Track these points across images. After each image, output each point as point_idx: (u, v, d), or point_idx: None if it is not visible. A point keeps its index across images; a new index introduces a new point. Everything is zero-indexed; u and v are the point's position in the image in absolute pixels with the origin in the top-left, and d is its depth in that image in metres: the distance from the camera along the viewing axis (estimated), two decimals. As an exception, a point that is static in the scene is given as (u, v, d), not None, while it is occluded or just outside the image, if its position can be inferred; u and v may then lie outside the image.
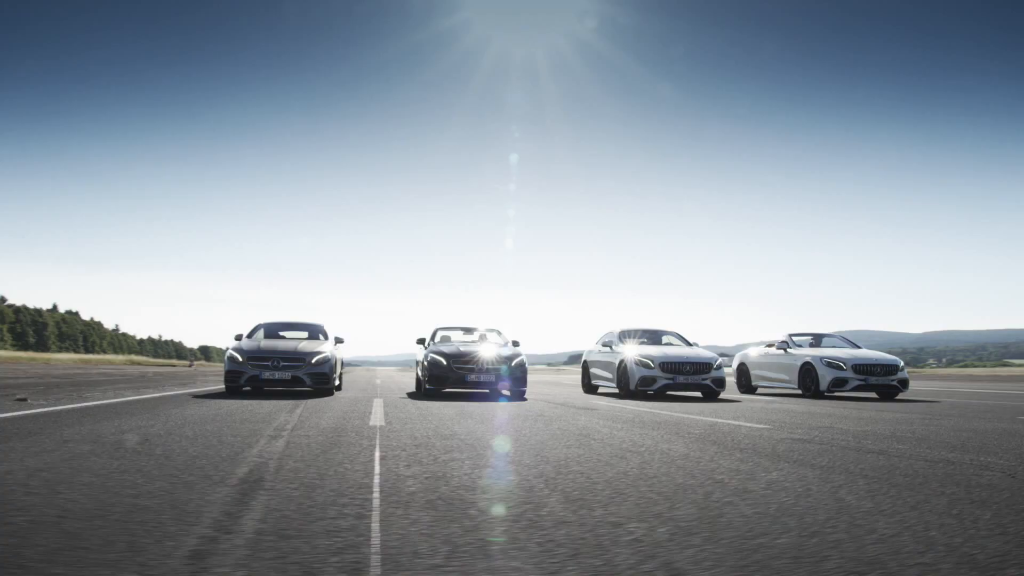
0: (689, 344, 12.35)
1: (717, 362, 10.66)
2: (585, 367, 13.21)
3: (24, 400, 7.60)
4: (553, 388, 14.74)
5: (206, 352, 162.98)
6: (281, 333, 11.23)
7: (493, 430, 5.31)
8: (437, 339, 11.42)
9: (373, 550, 1.82)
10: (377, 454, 3.79)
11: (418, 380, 12.00)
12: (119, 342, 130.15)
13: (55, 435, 4.36)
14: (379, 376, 28.59)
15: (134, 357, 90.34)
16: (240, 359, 9.36)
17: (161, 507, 2.28)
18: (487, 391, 10.14)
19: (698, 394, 11.18)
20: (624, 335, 12.35)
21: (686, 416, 6.88)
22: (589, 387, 12.76)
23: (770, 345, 13.00)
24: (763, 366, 12.80)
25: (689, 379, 10.38)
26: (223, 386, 10.44)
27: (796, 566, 1.74)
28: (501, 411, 7.30)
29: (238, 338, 10.73)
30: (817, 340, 12.85)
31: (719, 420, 6.44)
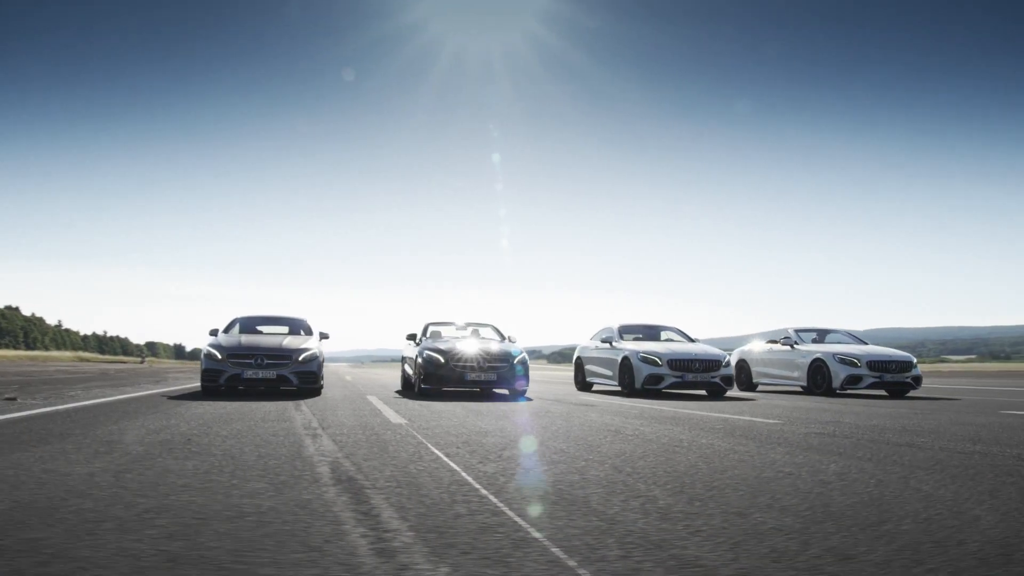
0: (692, 340, 12.72)
1: (726, 359, 11.04)
2: (579, 364, 13.49)
3: (14, 400, 7.53)
4: (543, 386, 14.99)
5: (152, 348, 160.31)
6: (260, 328, 11.19)
7: (520, 427, 5.60)
8: (429, 335, 11.54)
9: (554, 546, 2.02)
10: (437, 451, 3.98)
11: (405, 378, 12.11)
12: (62, 338, 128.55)
13: (92, 436, 4.44)
14: (348, 373, 28.49)
15: (82, 354, 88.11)
16: (219, 356, 9.26)
17: (289, 507, 2.42)
18: (487, 390, 10.33)
19: (700, 392, 11.54)
20: (624, 330, 12.67)
21: (695, 413, 7.25)
22: (584, 384, 13.02)
23: (773, 341, 13.46)
24: (767, 363, 13.25)
25: (698, 377, 10.73)
26: (199, 386, 10.38)
27: (942, 550, 1.98)
28: (510, 409, 7.56)
29: (213, 333, 10.66)
30: (821, 336, 13.36)
31: (731, 416, 6.88)
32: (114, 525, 2.16)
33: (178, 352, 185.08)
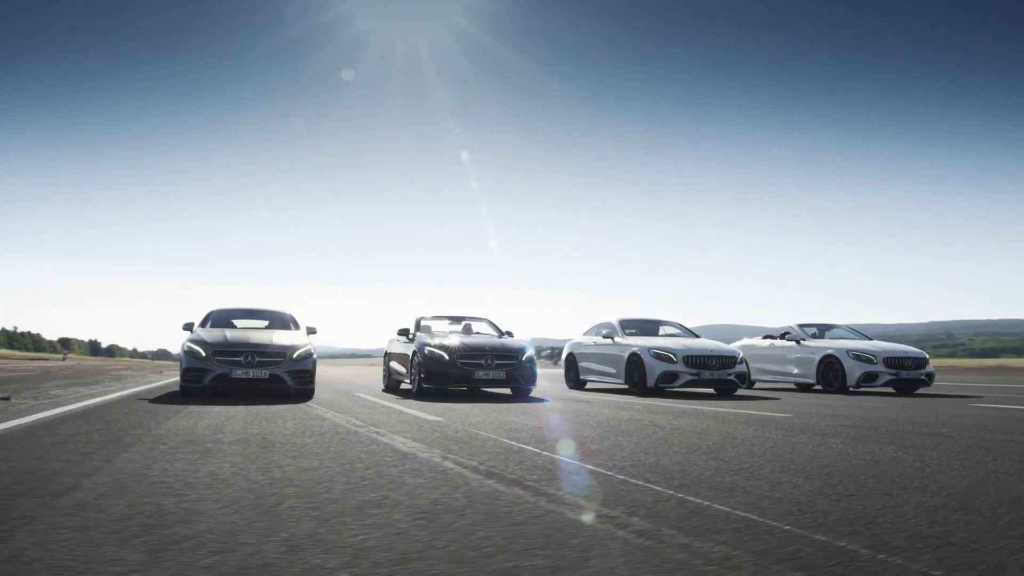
0: (695, 335, 12.60)
1: (740, 356, 10.91)
2: (571, 360, 13.30)
3: (7, 399, 6.89)
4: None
5: (67, 345, 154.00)
6: (239, 322, 10.41)
7: (548, 425, 5.89)
8: (423, 329, 10.97)
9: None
10: (521, 444, 4.28)
11: (391, 376, 11.58)
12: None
13: (157, 434, 4.58)
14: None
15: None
16: (203, 354, 8.58)
17: (464, 505, 2.80)
18: (495, 389, 9.83)
19: (706, 391, 11.36)
20: (625, 325, 12.40)
21: (713, 408, 7.70)
22: (577, 382, 12.88)
23: (770, 336, 13.45)
24: (769, 359, 13.25)
25: (714, 374, 10.60)
26: (166, 386, 9.58)
27: None
28: (521, 407, 7.82)
29: (188, 327, 9.96)
30: (821, 331, 13.40)
31: (752, 412, 7.23)
32: (352, 519, 2.59)
33: (93, 348, 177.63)
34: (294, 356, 8.85)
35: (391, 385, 11.77)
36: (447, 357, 9.58)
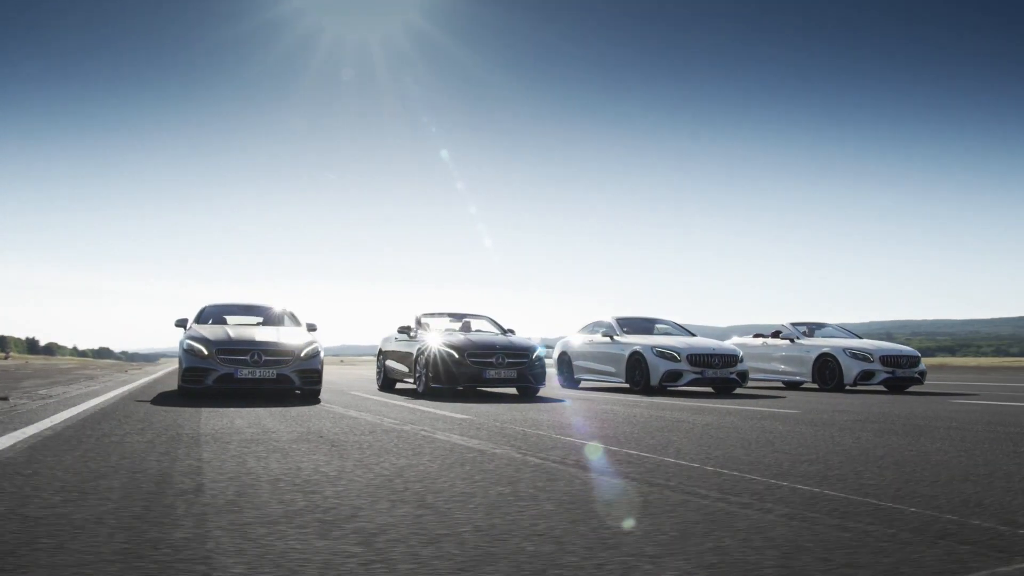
0: (691, 334, 12.96)
1: (741, 354, 11.25)
2: (565, 359, 13.63)
3: (6, 399, 6.77)
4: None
5: (2, 343, 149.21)
6: (232, 318, 10.35)
7: (585, 422, 6.11)
8: (424, 326, 11.08)
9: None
10: (575, 440, 4.53)
11: (386, 375, 11.69)
12: None
13: (210, 434, 4.67)
14: None
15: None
16: (206, 352, 8.53)
17: (583, 497, 3.10)
18: (505, 389, 10.00)
19: (705, 389, 11.70)
20: (622, 323, 12.69)
21: (725, 406, 7.99)
22: (571, 381, 13.20)
23: (766, 335, 13.86)
24: (763, 357, 13.71)
25: (718, 373, 10.95)
26: (156, 384, 9.53)
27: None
28: (539, 406, 8.08)
29: (181, 324, 9.91)
30: (811, 330, 13.85)
31: (766, 409, 7.60)
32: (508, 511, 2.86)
33: (31, 347, 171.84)
34: (302, 355, 8.75)
35: (386, 384, 11.85)
36: (457, 356, 9.62)
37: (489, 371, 9.62)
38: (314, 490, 2.90)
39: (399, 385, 12.03)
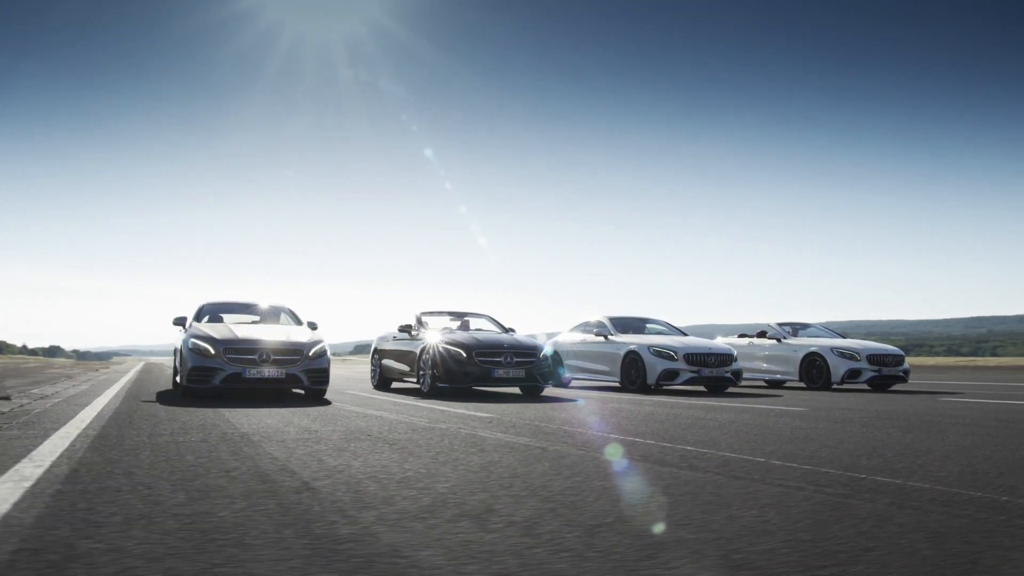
0: (683, 333, 13.20)
1: (735, 353, 11.50)
2: (554, 358, 13.53)
3: (7, 399, 6.64)
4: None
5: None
6: (231, 316, 10.25)
7: (608, 421, 6.23)
8: (425, 324, 11.11)
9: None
10: (619, 436, 4.66)
11: (382, 374, 11.71)
12: None
13: (255, 433, 4.69)
14: None
15: None
16: (212, 351, 8.44)
17: (693, 491, 3.23)
18: (509, 389, 10.09)
19: (698, 388, 11.92)
20: (615, 323, 12.88)
21: (730, 404, 8.23)
22: (558, 379, 13.15)
23: (751, 335, 14.18)
24: (748, 357, 14.06)
25: (714, 372, 11.20)
26: (143, 383, 9.41)
27: None
28: (552, 405, 8.22)
29: (179, 322, 9.81)
30: (795, 330, 14.21)
31: (770, 407, 7.87)
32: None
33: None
34: (310, 354, 8.69)
35: (382, 383, 11.83)
36: (464, 355, 9.62)
37: (497, 370, 9.64)
38: (425, 486, 2.97)
39: (395, 384, 12.04)
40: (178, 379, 10.33)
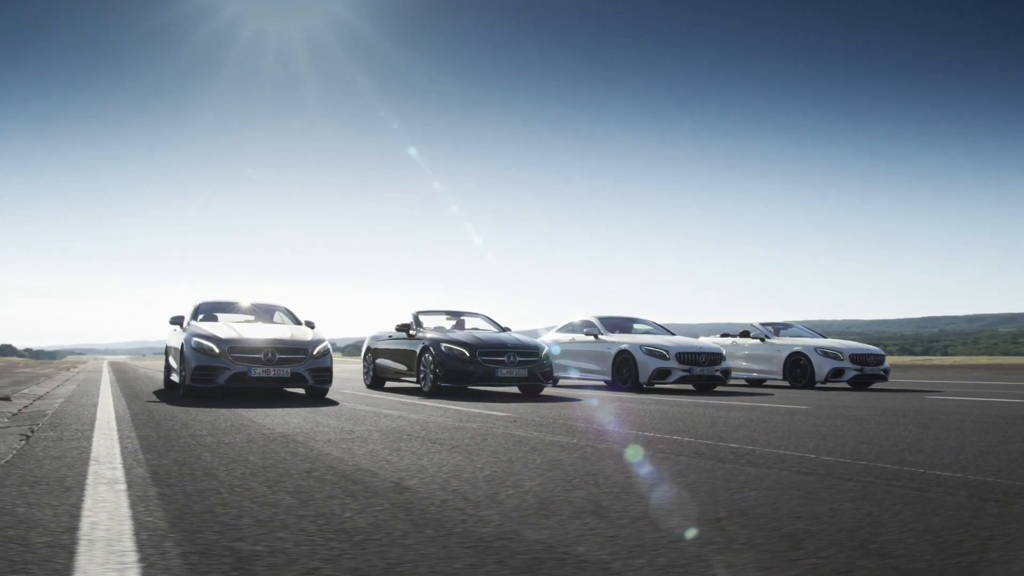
0: (670, 332, 13.41)
1: (724, 352, 11.74)
2: (543, 357, 13.67)
3: (7, 399, 6.45)
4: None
5: None
6: (229, 315, 10.14)
7: (628, 419, 6.37)
8: (423, 324, 11.13)
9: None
10: (648, 434, 4.81)
11: (375, 373, 11.68)
12: None
13: (299, 432, 4.70)
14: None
15: None
16: (217, 351, 8.36)
17: (764, 484, 3.34)
18: (514, 388, 10.16)
19: (688, 387, 12.13)
20: (604, 322, 13.03)
21: (725, 402, 8.48)
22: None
23: (726, 335, 14.54)
24: (733, 356, 14.30)
25: (704, 370, 11.42)
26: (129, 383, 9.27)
27: None
28: (564, 404, 8.37)
29: (177, 321, 9.67)
30: (777, 329, 14.54)
31: (769, 405, 8.13)
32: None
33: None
34: (315, 353, 8.67)
35: (376, 382, 11.81)
36: (468, 354, 9.65)
37: (501, 369, 9.67)
38: (516, 484, 3.04)
39: (389, 384, 12.02)
40: (173, 377, 10.18)
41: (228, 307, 10.53)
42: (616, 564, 1.91)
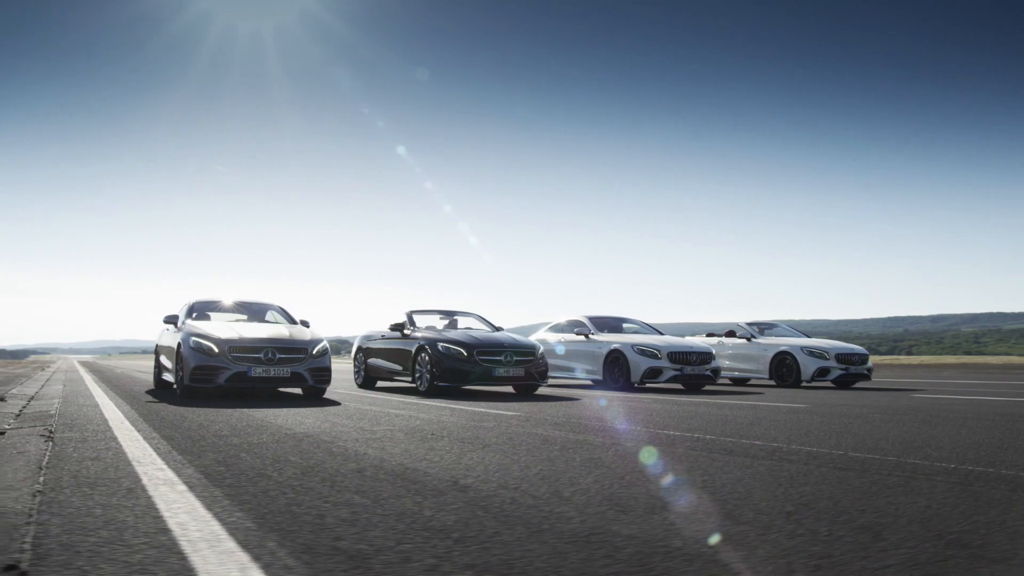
0: (659, 332, 13.56)
1: (714, 352, 11.92)
2: (533, 356, 13.75)
3: (3, 399, 6.28)
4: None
5: None
6: (223, 314, 10.05)
7: (641, 418, 6.47)
8: (417, 323, 11.12)
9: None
10: (667, 433, 4.94)
11: (366, 372, 11.66)
12: None
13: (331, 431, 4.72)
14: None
15: None
16: (216, 350, 8.28)
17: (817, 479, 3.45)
18: (509, 387, 10.21)
19: (677, 386, 12.28)
20: (595, 322, 13.15)
21: (724, 401, 8.67)
22: None
23: (719, 334, 14.71)
24: (722, 356, 14.43)
25: (695, 369, 11.56)
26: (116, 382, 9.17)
27: None
28: (564, 404, 8.45)
29: (171, 320, 9.55)
30: (761, 329, 14.78)
31: (768, 404, 8.32)
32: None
33: None
34: (314, 352, 8.65)
35: (367, 382, 11.78)
36: (465, 353, 9.68)
37: (498, 369, 9.71)
38: (571, 482, 3.09)
39: (380, 383, 11.99)
40: (166, 377, 10.03)
41: (221, 306, 10.42)
42: (723, 556, 1.97)
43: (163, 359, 10.11)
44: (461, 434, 4.89)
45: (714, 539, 2.14)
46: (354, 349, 12.69)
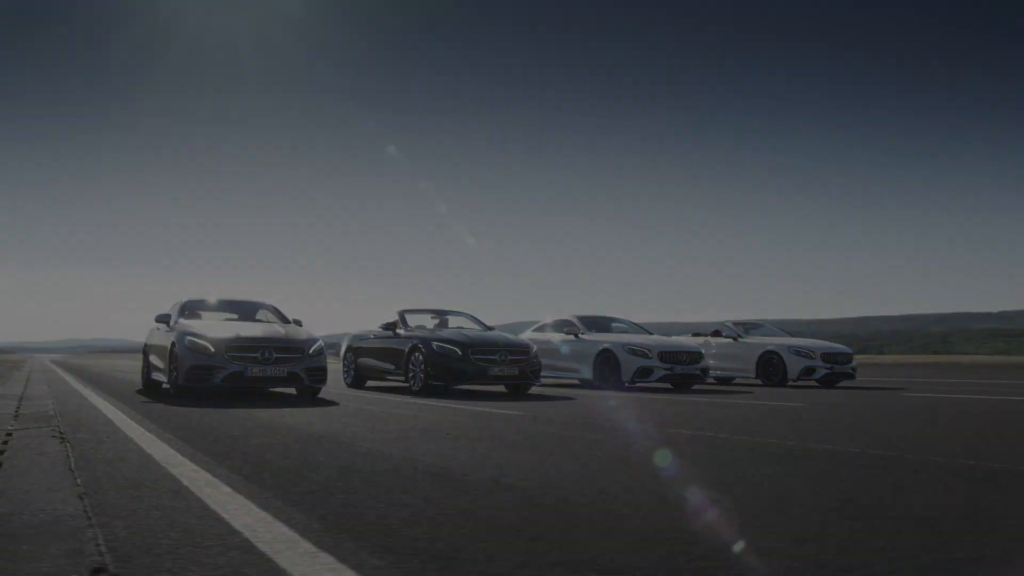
0: (648, 332, 13.67)
1: (703, 351, 12.04)
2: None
3: None
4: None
5: None
6: (217, 313, 9.95)
7: (641, 418, 6.56)
8: (409, 323, 11.10)
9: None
10: (680, 432, 4.97)
11: (356, 371, 11.61)
12: None
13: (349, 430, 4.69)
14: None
15: None
16: (212, 349, 8.19)
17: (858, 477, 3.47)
18: (504, 387, 10.23)
19: (664, 386, 12.40)
20: (584, 321, 13.23)
21: (719, 400, 8.80)
22: None
23: (698, 334, 14.94)
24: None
25: (685, 369, 11.69)
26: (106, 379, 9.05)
27: None
28: (565, 403, 8.50)
29: (163, 319, 9.41)
30: (747, 328, 14.97)
31: (763, 403, 8.45)
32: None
33: None
34: (310, 352, 8.60)
35: (357, 382, 11.75)
36: (460, 352, 9.69)
37: (493, 368, 9.72)
38: (613, 480, 3.13)
39: (370, 383, 11.94)
40: (156, 376, 9.87)
41: (212, 305, 10.30)
42: (798, 550, 2.02)
43: (153, 358, 9.96)
44: (477, 434, 4.89)
45: (780, 534, 2.18)
46: (343, 349, 12.63)
